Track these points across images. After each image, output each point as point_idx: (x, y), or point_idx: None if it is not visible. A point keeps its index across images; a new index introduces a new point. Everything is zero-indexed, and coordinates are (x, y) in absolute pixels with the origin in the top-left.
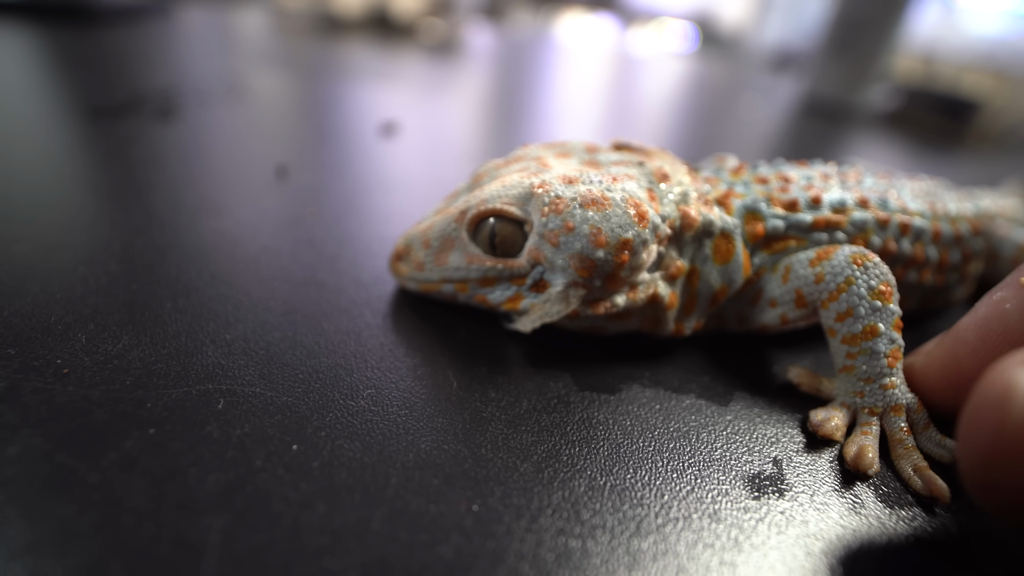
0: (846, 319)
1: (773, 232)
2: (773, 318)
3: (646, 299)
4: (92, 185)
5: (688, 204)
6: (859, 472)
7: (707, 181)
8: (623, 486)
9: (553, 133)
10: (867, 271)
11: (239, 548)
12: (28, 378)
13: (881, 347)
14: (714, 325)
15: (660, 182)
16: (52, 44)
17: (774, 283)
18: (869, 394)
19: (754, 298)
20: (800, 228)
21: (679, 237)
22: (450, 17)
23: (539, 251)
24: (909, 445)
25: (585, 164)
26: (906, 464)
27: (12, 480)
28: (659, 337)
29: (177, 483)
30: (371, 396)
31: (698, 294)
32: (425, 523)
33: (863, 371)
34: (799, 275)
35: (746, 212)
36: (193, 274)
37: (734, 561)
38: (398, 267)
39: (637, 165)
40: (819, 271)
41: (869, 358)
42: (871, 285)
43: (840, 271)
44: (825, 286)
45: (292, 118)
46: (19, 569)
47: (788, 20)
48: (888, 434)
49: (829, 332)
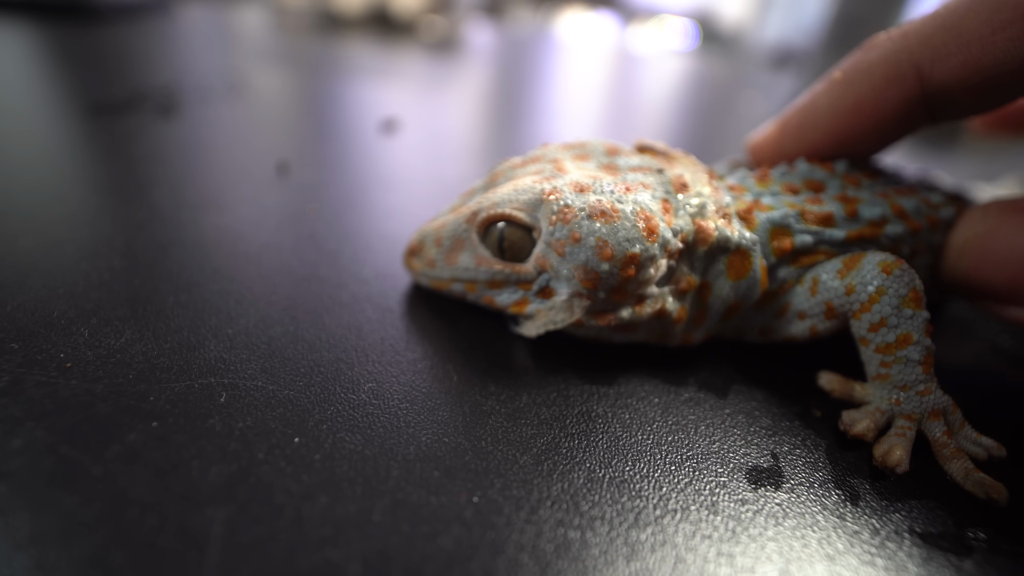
0: (879, 329)
1: (802, 248)
2: (802, 330)
3: (653, 313)
4: (94, 181)
5: (705, 217)
6: (887, 469)
7: (732, 190)
8: (622, 478)
9: (553, 131)
10: (897, 279)
11: (242, 539)
12: (32, 372)
13: (915, 355)
14: (731, 336)
15: (678, 192)
16: (54, 41)
17: (802, 296)
18: (906, 401)
19: (780, 311)
20: (832, 243)
21: (692, 251)
22: (450, 15)
23: (545, 259)
24: (954, 448)
25: (603, 168)
26: (958, 468)
27: (17, 472)
28: (666, 348)
29: (180, 475)
30: (372, 390)
31: (709, 307)
32: (426, 514)
33: (899, 379)
34: (828, 287)
35: (772, 227)
36: (195, 269)
37: (731, 552)
38: (412, 262)
39: (656, 172)
40: (849, 283)
41: (904, 366)
42: (902, 293)
43: (871, 281)
44: (856, 297)
45: (293, 115)
46: (24, 560)
47: (788, 18)
48: (931, 440)
49: (861, 342)
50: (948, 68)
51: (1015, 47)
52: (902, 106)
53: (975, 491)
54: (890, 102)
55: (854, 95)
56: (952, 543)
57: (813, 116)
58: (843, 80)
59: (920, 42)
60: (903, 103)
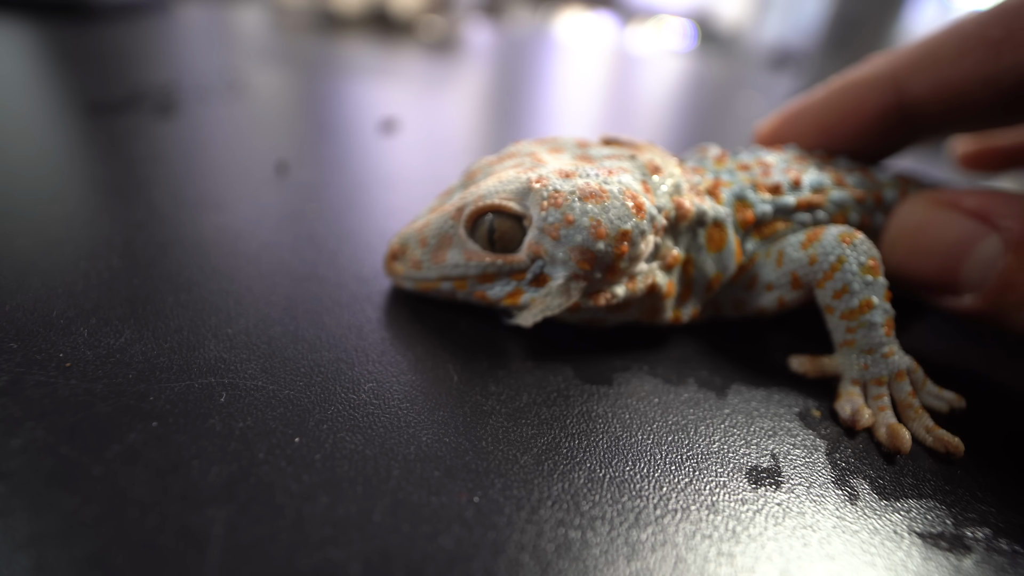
0: (843, 296)
1: (762, 217)
2: (770, 301)
3: (645, 289)
4: (92, 181)
5: (681, 195)
6: (898, 452)
7: (695, 171)
8: (622, 478)
9: (552, 130)
10: (856, 248)
11: (243, 539)
12: (31, 371)
13: (877, 318)
14: (710, 312)
15: (653, 174)
16: (52, 40)
17: (769, 268)
18: (873, 364)
19: (749, 283)
20: (785, 211)
21: (674, 227)
22: (449, 14)
23: (539, 245)
24: (918, 407)
25: (578, 159)
26: (919, 427)
27: (16, 472)
28: (657, 326)
29: (180, 475)
30: (372, 390)
31: (693, 282)
32: (427, 514)
33: (864, 343)
34: (793, 258)
35: (735, 200)
36: (194, 269)
37: (732, 552)
38: (394, 266)
39: (629, 158)
40: (812, 253)
41: (868, 330)
42: (861, 261)
43: (832, 251)
44: (819, 266)
45: (292, 114)
46: (24, 560)
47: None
48: (896, 400)
49: (827, 310)
50: (922, 82)
51: (978, 69)
52: (880, 112)
53: (936, 447)
54: (869, 107)
55: (841, 97)
56: (951, 543)
57: (807, 112)
58: (836, 84)
59: (902, 60)
60: (881, 109)
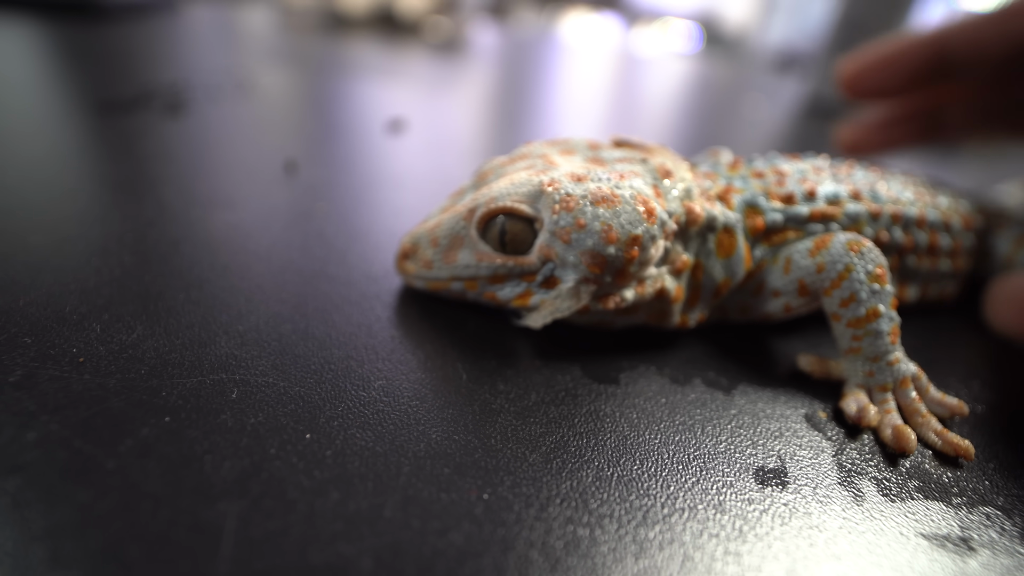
0: (849, 304)
1: (772, 225)
2: (777, 307)
3: (654, 293)
4: (103, 178)
5: (692, 200)
6: (905, 453)
7: (707, 176)
8: (630, 477)
9: (557, 131)
10: (863, 257)
11: (254, 533)
12: (45, 366)
13: (883, 327)
14: (717, 316)
15: (664, 179)
16: (61, 40)
17: (776, 274)
18: (879, 372)
19: (756, 289)
20: (797, 220)
21: (684, 232)
22: (455, 15)
23: (550, 248)
24: (925, 412)
25: (589, 161)
26: (928, 431)
27: (32, 465)
28: (665, 330)
29: (193, 470)
30: (382, 387)
31: (702, 287)
32: (437, 511)
33: (870, 351)
34: (800, 266)
35: (746, 207)
36: (205, 266)
37: (739, 551)
38: (405, 265)
39: (640, 162)
40: (819, 261)
41: (874, 338)
42: (868, 270)
43: (839, 259)
44: (827, 275)
45: (299, 114)
46: (41, 551)
47: (792, 21)
48: (902, 406)
49: (833, 317)
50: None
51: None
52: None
53: (946, 450)
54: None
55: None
56: (957, 545)
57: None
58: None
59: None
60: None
